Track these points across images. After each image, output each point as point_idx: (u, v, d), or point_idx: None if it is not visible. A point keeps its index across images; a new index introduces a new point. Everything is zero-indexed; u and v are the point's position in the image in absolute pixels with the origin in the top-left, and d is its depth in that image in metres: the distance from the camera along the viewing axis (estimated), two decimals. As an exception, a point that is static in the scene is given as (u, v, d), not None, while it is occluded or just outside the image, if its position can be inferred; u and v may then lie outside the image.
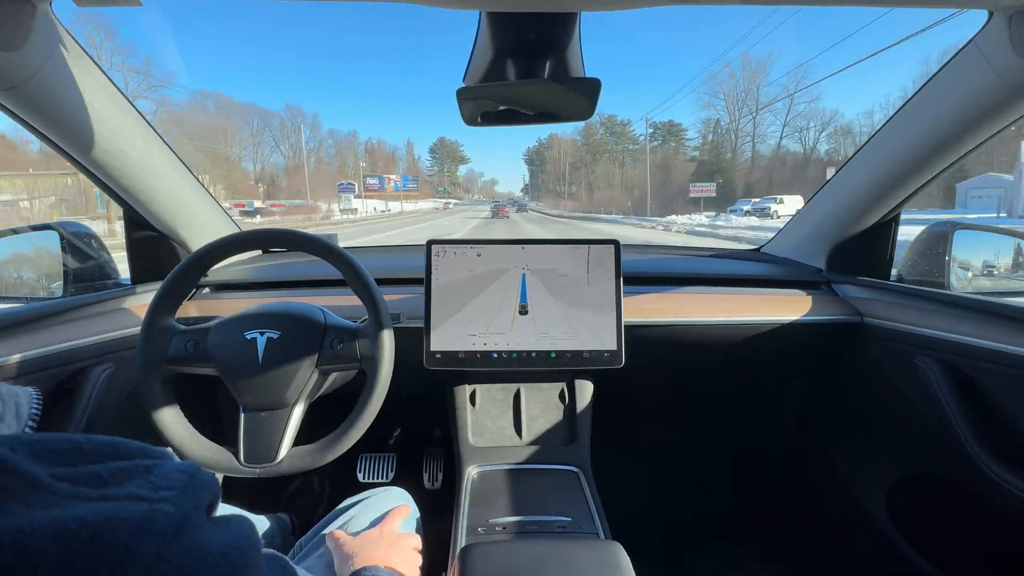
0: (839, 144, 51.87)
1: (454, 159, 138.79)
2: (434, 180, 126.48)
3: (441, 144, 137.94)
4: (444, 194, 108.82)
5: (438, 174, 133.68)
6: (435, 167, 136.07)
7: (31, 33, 0.62)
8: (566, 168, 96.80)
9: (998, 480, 0.77)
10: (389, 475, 1.41)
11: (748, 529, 1.42)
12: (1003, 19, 0.66)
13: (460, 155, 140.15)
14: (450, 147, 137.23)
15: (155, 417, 0.73)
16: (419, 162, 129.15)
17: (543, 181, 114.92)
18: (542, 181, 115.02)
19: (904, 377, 0.95)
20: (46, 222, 1.01)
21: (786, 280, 1.15)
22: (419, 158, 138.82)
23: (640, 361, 0.96)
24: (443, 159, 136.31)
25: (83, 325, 0.85)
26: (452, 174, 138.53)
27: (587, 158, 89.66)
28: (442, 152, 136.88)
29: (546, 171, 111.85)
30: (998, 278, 1.07)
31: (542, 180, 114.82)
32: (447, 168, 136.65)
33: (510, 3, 0.57)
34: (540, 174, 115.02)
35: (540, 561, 0.64)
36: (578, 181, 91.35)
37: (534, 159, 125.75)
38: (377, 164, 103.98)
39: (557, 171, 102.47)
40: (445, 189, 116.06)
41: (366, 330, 0.77)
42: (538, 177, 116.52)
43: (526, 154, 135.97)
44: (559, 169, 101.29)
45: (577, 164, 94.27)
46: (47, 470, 0.21)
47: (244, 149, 67.39)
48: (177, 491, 0.23)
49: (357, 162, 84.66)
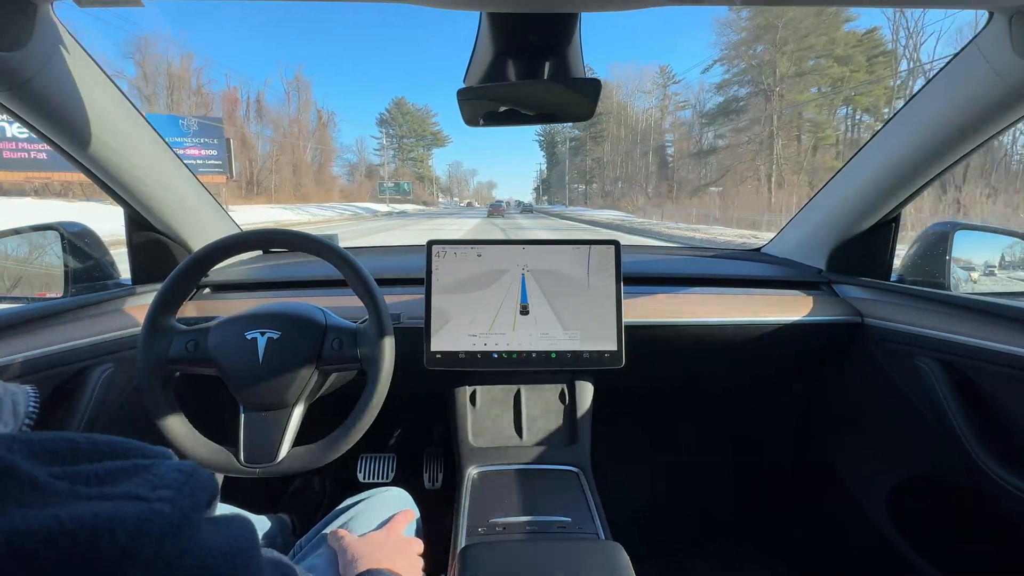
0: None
1: (420, 135, 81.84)
2: (386, 170, 74.06)
3: (399, 110, 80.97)
4: (396, 194, 61.33)
5: (395, 159, 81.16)
6: (390, 147, 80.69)
7: (32, 34, 0.62)
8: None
9: (998, 480, 0.77)
10: (389, 475, 1.41)
11: (748, 529, 1.42)
12: (1003, 19, 0.66)
13: (432, 131, 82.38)
14: (415, 116, 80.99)
15: (156, 417, 0.73)
16: (361, 144, 75.61)
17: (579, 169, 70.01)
18: (579, 167, 70.47)
19: (904, 378, 0.95)
20: (47, 222, 1.01)
21: (786, 281, 1.15)
22: (363, 140, 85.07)
23: (640, 362, 0.96)
24: (401, 135, 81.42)
25: (84, 325, 0.85)
26: (420, 163, 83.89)
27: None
28: (401, 121, 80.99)
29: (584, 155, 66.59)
30: (998, 278, 1.06)
31: (580, 165, 69.48)
32: (409, 150, 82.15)
33: (510, 3, 0.57)
34: (578, 155, 70.53)
35: (540, 561, 0.64)
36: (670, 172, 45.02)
37: (555, 141, 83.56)
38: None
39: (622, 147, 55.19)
40: (399, 186, 64.20)
41: (366, 331, 0.77)
42: (565, 163, 73.65)
43: (540, 135, 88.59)
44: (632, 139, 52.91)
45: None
46: (45, 469, 0.21)
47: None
48: (175, 491, 0.23)
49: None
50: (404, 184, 66.30)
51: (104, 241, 1.05)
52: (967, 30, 21.85)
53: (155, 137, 0.92)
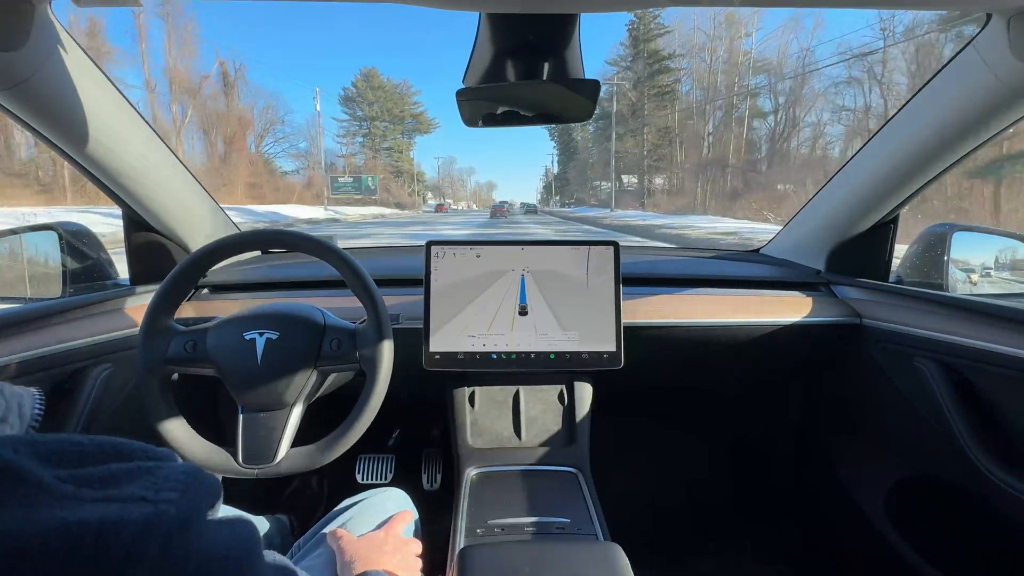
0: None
1: (397, 117, 60.13)
2: (349, 162, 56.99)
3: (368, 84, 58.70)
4: (356, 192, 44.38)
5: (364, 147, 59.57)
6: (359, 132, 59.65)
7: (30, 33, 0.62)
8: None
9: (996, 481, 0.77)
10: (388, 476, 1.41)
11: (747, 530, 1.42)
12: (1001, 21, 0.66)
13: (412, 112, 61.32)
14: (389, 92, 59.54)
15: (154, 417, 0.73)
16: (313, 127, 48.36)
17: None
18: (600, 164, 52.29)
19: (903, 378, 0.95)
20: (45, 222, 1.01)
21: (785, 281, 1.15)
22: (312, 121, 52.87)
23: (639, 363, 0.96)
24: (372, 116, 59.02)
25: (82, 325, 0.85)
26: (398, 154, 61.72)
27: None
28: (370, 98, 58.54)
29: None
30: (996, 280, 1.07)
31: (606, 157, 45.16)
32: (382, 137, 59.68)
33: (510, 4, 0.57)
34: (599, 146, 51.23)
35: (539, 562, 0.64)
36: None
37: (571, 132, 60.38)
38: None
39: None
40: (359, 181, 45.71)
41: (365, 331, 0.77)
42: (581, 155, 59.10)
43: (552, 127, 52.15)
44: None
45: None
46: (51, 472, 0.22)
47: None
48: (180, 492, 0.23)
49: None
50: (368, 179, 45.15)
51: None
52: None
53: (154, 137, 0.92)
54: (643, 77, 40.42)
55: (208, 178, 28.21)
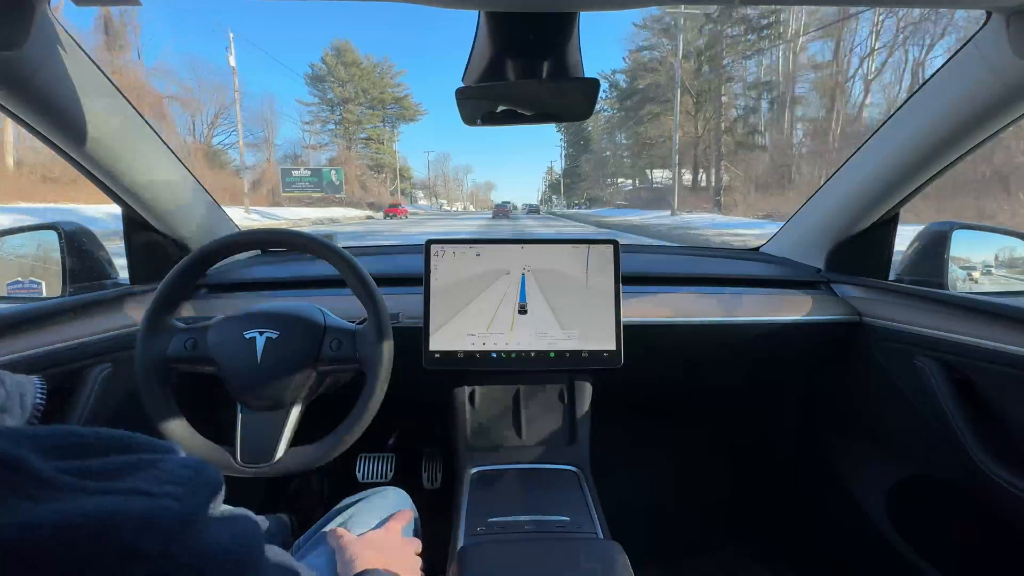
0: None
1: (376, 101, 50.92)
2: (309, 154, 47.15)
3: (340, 60, 47.86)
4: (315, 189, 33.48)
5: (334, 135, 50.39)
6: (330, 119, 50.38)
7: (30, 33, 0.62)
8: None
9: (997, 480, 0.77)
10: (388, 475, 1.41)
11: (747, 529, 1.42)
12: (1001, 19, 0.66)
13: (394, 95, 52.10)
14: (366, 72, 49.33)
15: (153, 416, 0.73)
16: (272, 107, 45.33)
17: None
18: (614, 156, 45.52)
19: (903, 377, 0.95)
20: (46, 222, 1.01)
21: (785, 280, 1.15)
22: (272, 99, 54.58)
23: (639, 361, 0.96)
24: (344, 99, 48.66)
25: (82, 324, 0.85)
26: (379, 145, 52.69)
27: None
28: (343, 77, 47.96)
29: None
30: (997, 277, 1.07)
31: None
32: (357, 120, 50.12)
33: (510, 3, 0.57)
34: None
35: (539, 561, 0.64)
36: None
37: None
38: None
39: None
40: (319, 175, 34.01)
41: (365, 331, 0.77)
42: (597, 145, 50.42)
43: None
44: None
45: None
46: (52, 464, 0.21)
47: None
48: (181, 486, 0.23)
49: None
50: (330, 173, 35.14)
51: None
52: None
53: (153, 136, 0.92)
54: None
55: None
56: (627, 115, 37.70)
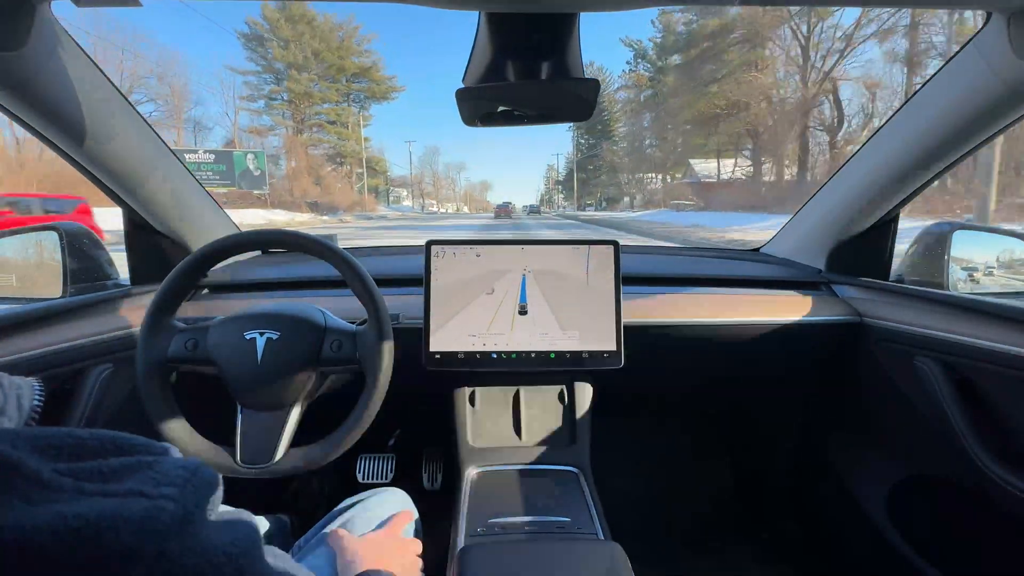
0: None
1: (336, 69, 35.78)
2: (236, 134, 32.06)
3: (285, 14, 32.14)
4: (223, 180, 21.05)
5: (278, 113, 34.97)
6: (264, 87, 33.71)
7: (30, 34, 0.62)
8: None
9: (997, 480, 0.77)
10: (388, 476, 1.41)
11: (747, 529, 1.42)
12: (1002, 20, 0.66)
13: (359, 63, 36.67)
14: (322, 31, 34.62)
15: (154, 416, 0.73)
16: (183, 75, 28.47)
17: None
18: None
19: (904, 377, 0.95)
20: (46, 223, 1.01)
21: (785, 281, 1.15)
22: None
23: (639, 362, 0.96)
24: (291, 64, 32.79)
25: (82, 325, 0.85)
26: (341, 128, 37.83)
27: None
28: (287, 33, 32.39)
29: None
30: (997, 278, 1.07)
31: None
32: (306, 91, 33.90)
33: (509, 3, 0.57)
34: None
35: (539, 562, 0.64)
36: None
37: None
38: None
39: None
40: (229, 162, 21.84)
41: (366, 332, 0.77)
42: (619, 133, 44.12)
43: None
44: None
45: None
46: (49, 465, 0.21)
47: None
48: (179, 488, 0.23)
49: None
50: (245, 157, 25.35)
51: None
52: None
53: (154, 137, 0.92)
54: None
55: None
56: (684, 76, 24.96)
